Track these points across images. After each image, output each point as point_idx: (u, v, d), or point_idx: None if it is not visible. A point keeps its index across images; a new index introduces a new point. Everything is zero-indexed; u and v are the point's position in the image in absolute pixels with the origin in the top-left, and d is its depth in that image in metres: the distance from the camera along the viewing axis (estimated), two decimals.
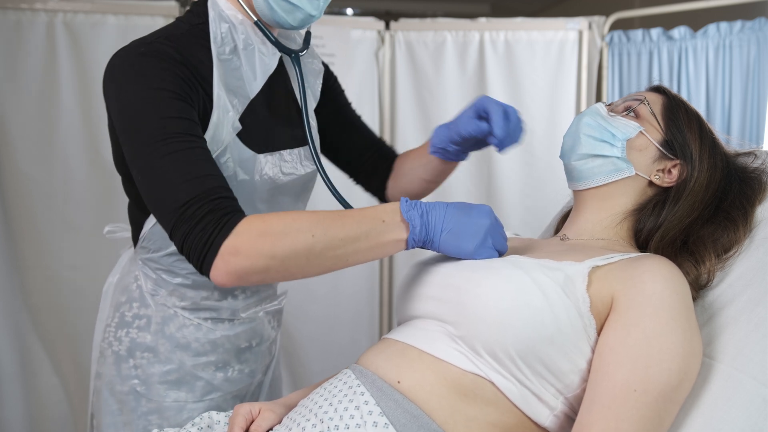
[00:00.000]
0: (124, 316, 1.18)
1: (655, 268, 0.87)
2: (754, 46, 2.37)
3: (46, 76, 2.19)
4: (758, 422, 0.83)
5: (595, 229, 1.05)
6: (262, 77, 1.08)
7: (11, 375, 2.24)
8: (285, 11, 1.04)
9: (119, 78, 0.97)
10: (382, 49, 2.54)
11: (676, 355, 0.81)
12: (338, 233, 0.89)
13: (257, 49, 1.07)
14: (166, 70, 0.96)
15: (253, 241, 0.88)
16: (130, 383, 1.16)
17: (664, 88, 1.11)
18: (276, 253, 0.88)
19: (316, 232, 0.88)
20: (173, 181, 0.91)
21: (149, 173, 0.94)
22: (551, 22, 2.56)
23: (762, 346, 0.86)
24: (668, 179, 1.03)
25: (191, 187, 0.91)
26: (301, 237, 0.88)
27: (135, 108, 0.95)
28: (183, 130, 0.94)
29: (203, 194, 0.90)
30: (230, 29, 1.06)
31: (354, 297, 2.59)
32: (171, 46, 1.00)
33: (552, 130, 2.54)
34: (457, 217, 0.92)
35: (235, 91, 1.06)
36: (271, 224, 0.89)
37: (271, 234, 0.88)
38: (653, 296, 0.84)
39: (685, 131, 1.04)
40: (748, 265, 0.97)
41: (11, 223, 2.21)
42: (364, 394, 0.87)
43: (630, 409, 0.78)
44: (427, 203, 0.94)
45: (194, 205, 0.90)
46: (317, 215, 0.91)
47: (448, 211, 0.93)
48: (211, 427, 0.97)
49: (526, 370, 0.84)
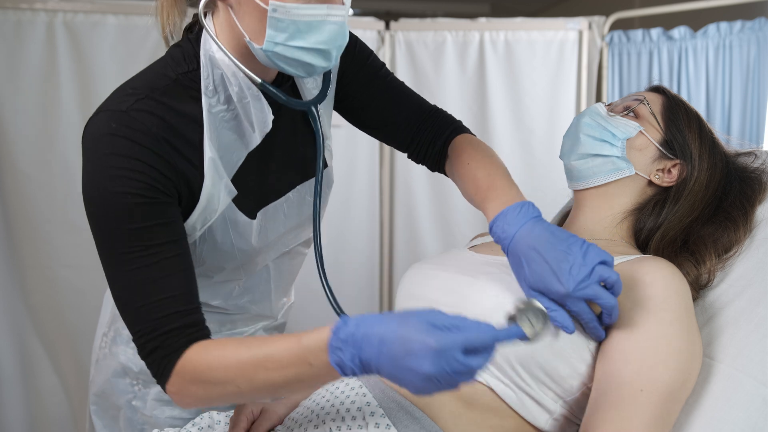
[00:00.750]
0: (120, 333, 1.17)
1: (656, 269, 0.87)
2: (754, 46, 2.37)
3: (46, 76, 2.19)
4: (758, 422, 0.83)
5: (595, 229, 1.05)
6: (260, 134, 0.96)
7: (11, 375, 2.23)
8: (293, 67, 0.90)
9: (87, 156, 0.87)
10: (382, 49, 2.54)
11: (680, 354, 0.82)
12: (263, 382, 0.81)
13: (251, 104, 0.93)
14: (137, 158, 0.85)
15: (187, 387, 0.85)
16: (125, 397, 1.16)
17: (664, 88, 1.11)
18: (210, 398, 0.86)
19: (240, 384, 0.82)
20: (133, 305, 0.86)
21: (113, 284, 0.88)
22: (551, 22, 2.56)
23: (762, 346, 0.86)
24: (668, 179, 1.03)
25: (146, 315, 0.85)
26: (228, 387, 0.83)
27: (99, 209, 0.86)
28: (147, 241, 0.85)
29: (154, 326, 0.85)
30: (223, 77, 0.92)
31: (354, 297, 2.59)
32: (151, 111, 0.87)
33: (552, 130, 2.53)
34: (394, 362, 0.71)
35: (229, 147, 0.95)
36: (201, 371, 0.84)
37: (201, 382, 0.84)
38: (655, 298, 0.84)
39: (684, 131, 1.05)
40: (749, 265, 0.97)
41: (11, 223, 2.21)
42: (366, 396, 0.87)
43: (637, 409, 0.79)
44: (360, 332, 0.73)
45: (144, 337, 0.86)
46: (240, 360, 0.82)
47: (383, 353, 0.71)
48: (212, 427, 0.97)
49: (525, 375, 0.84)
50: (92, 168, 0.86)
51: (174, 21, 0.92)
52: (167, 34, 0.93)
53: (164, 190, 0.87)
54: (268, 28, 0.85)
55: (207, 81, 0.91)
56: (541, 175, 2.54)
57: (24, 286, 2.25)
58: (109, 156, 0.85)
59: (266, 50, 0.86)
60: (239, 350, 0.82)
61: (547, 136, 2.54)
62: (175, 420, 1.15)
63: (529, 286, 0.84)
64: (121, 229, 0.85)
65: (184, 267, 0.88)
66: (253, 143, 0.96)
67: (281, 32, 0.85)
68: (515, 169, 2.55)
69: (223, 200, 0.95)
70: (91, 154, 0.87)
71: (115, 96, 0.90)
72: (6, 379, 2.23)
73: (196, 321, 0.87)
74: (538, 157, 2.55)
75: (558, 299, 0.81)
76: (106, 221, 0.86)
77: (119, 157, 0.84)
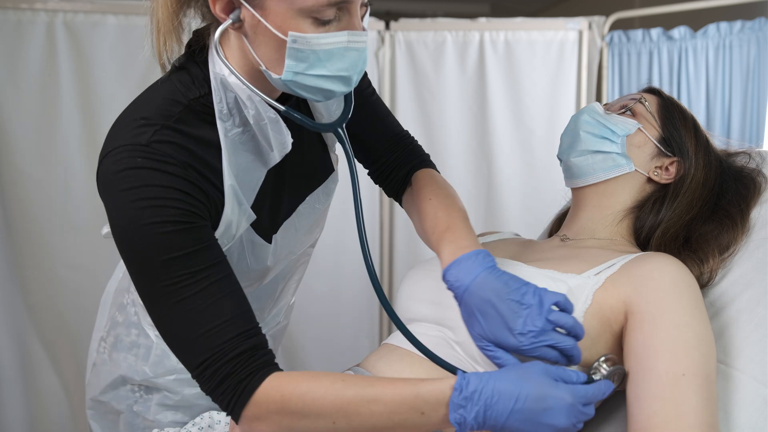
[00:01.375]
0: (121, 340, 1.15)
1: (662, 264, 0.88)
2: (754, 46, 2.37)
3: (46, 76, 2.19)
4: (758, 422, 0.83)
5: (596, 228, 1.05)
6: (279, 154, 0.92)
7: (11, 375, 2.24)
8: (312, 93, 0.87)
9: (114, 194, 0.83)
10: (382, 49, 2.54)
11: (708, 338, 0.83)
12: (365, 423, 0.78)
13: (269, 126, 0.90)
14: (169, 186, 0.82)
15: (272, 415, 0.80)
16: (126, 402, 1.16)
17: (658, 90, 1.13)
18: (293, 430, 0.81)
19: (337, 421, 0.78)
20: (188, 336, 0.82)
21: (161, 321, 0.83)
22: (551, 22, 2.56)
23: (762, 346, 0.86)
24: (666, 176, 1.04)
25: (207, 343, 0.81)
26: (321, 423, 0.79)
27: (135, 245, 0.82)
28: (190, 268, 0.81)
29: (220, 353, 0.81)
30: (237, 101, 0.89)
31: (355, 297, 2.59)
32: (171, 140, 0.84)
33: (552, 130, 2.53)
34: (528, 417, 0.73)
35: (248, 168, 0.93)
36: (289, 401, 0.80)
37: (289, 413, 0.80)
38: (669, 289, 0.85)
39: (680, 129, 1.06)
40: (748, 265, 0.97)
41: (11, 223, 2.21)
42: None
43: (685, 393, 0.78)
44: (487, 391, 0.74)
45: (212, 366, 0.81)
46: (341, 398, 0.79)
47: (515, 411, 0.73)
48: (212, 426, 0.97)
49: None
50: (122, 204, 0.82)
51: (171, 47, 0.88)
52: (164, 61, 0.89)
53: (200, 214, 0.84)
54: (288, 59, 0.82)
55: (221, 105, 0.88)
56: (541, 175, 2.54)
57: (24, 286, 2.25)
58: (139, 189, 0.81)
59: (285, 80, 0.83)
60: (340, 385, 0.79)
61: (547, 136, 2.54)
62: (179, 425, 1.14)
63: (483, 337, 0.83)
64: (161, 260, 0.80)
65: (233, 288, 0.85)
66: (272, 161, 0.93)
67: (301, 62, 0.82)
68: (515, 169, 2.58)
69: (242, 226, 0.93)
70: (118, 191, 0.82)
71: (126, 128, 0.85)
72: (6, 379, 2.23)
73: (263, 343, 0.84)
74: (538, 157, 2.55)
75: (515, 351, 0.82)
76: (145, 256, 0.81)
77: (151, 188, 0.81)
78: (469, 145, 2.59)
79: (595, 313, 0.86)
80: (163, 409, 1.14)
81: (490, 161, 2.58)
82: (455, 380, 0.75)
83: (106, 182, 0.83)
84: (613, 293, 0.87)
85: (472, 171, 2.60)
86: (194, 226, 0.83)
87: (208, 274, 0.82)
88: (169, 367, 1.13)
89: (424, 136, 2.59)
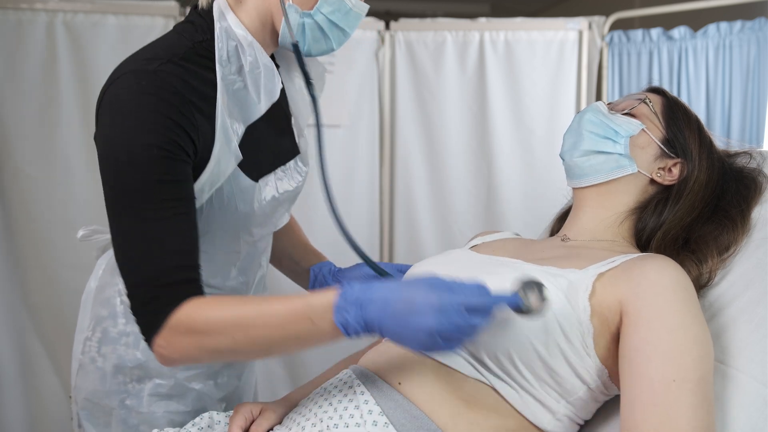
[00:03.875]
0: (108, 333, 1.16)
1: (660, 265, 0.88)
2: (754, 46, 2.37)
3: (46, 76, 2.19)
4: (758, 422, 0.83)
5: (597, 229, 1.05)
6: (266, 103, 1.03)
7: (11, 375, 2.24)
8: (315, 39, 1.03)
9: (112, 112, 0.92)
10: (382, 49, 2.54)
11: (702, 342, 0.82)
12: (261, 336, 0.85)
13: (263, 74, 1.01)
14: (163, 113, 0.90)
15: (178, 339, 0.87)
16: (118, 398, 1.14)
17: (663, 90, 1.11)
18: (202, 350, 0.88)
19: (236, 336, 0.85)
20: (137, 255, 0.89)
21: (119, 235, 0.91)
22: (551, 22, 2.56)
23: (762, 346, 0.86)
24: (669, 177, 1.04)
25: (150, 266, 0.88)
26: (222, 339, 0.85)
27: (119, 161, 0.90)
28: (161, 195, 0.89)
29: (157, 277, 0.88)
30: (237, 48, 1.00)
31: None
32: (175, 72, 0.93)
33: (552, 130, 2.53)
34: (397, 320, 0.77)
35: (236, 116, 1.01)
36: (195, 322, 0.86)
37: (194, 333, 0.86)
38: (665, 292, 0.84)
39: (684, 130, 1.05)
40: (748, 265, 0.97)
41: (11, 223, 2.21)
42: (364, 394, 0.87)
43: (676, 400, 0.77)
44: (366, 296, 0.79)
45: (146, 286, 0.88)
46: (239, 313, 0.86)
47: (386, 313, 0.78)
48: (212, 427, 0.97)
49: (528, 375, 0.84)
50: (119, 122, 0.90)
51: None
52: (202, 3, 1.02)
53: (185, 149, 0.91)
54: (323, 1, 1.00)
55: (221, 51, 0.98)
56: (541, 175, 2.55)
57: (24, 286, 2.25)
58: (137, 111, 0.89)
59: (313, 14, 1.01)
60: (240, 304, 0.87)
61: (547, 136, 2.54)
62: (172, 414, 1.14)
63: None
64: (139, 180, 0.88)
65: (191, 227, 0.92)
66: (254, 116, 1.03)
67: (330, 5, 1.01)
68: (515, 169, 2.58)
69: (231, 165, 0.99)
70: (118, 109, 0.91)
71: (135, 61, 0.94)
72: (6, 379, 2.23)
73: (196, 278, 0.91)
74: (538, 157, 2.55)
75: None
76: (126, 172, 0.89)
77: (149, 113, 0.89)
78: (469, 145, 2.59)
79: (595, 309, 0.86)
80: (156, 399, 1.14)
81: (490, 161, 2.58)
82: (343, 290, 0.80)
83: (107, 102, 0.93)
84: (611, 291, 0.87)
85: (472, 171, 2.60)
86: (178, 158, 0.91)
87: (173, 206, 0.90)
88: None
89: (424, 136, 2.59)
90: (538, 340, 0.82)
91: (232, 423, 0.94)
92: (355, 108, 2.53)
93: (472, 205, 2.60)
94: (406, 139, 2.59)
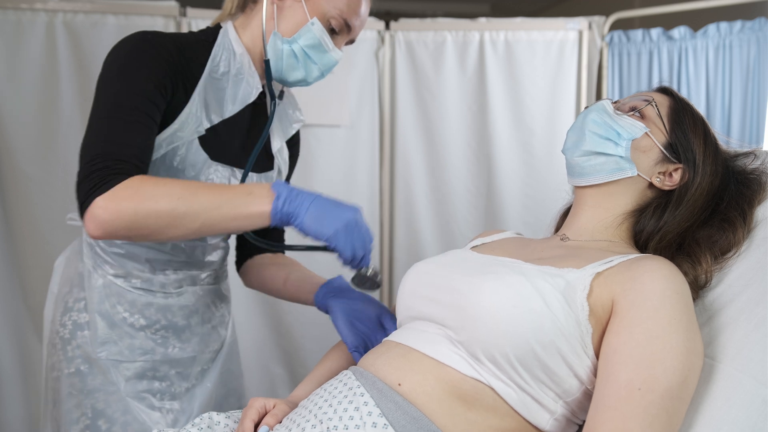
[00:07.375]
0: (67, 303, 1.24)
1: (655, 268, 0.87)
2: (754, 46, 2.37)
3: (46, 76, 2.19)
4: (758, 422, 0.83)
5: (596, 229, 1.05)
6: (240, 104, 1.20)
7: (11, 375, 2.24)
8: (290, 66, 1.19)
9: (117, 50, 1.10)
10: (382, 49, 2.54)
11: (679, 353, 0.81)
12: (202, 199, 0.99)
13: (245, 80, 1.20)
14: (158, 58, 1.08)
15: (120, 201, 0.96)
16: (75, 363, 1.21)
17: (672, 90, 1.10)
18: (138, 214, 0.97)
19: (183, 194, 0.98)
20: (99, 139, 1.02)
21: (88, 128, 1.04)
22: (551, 22, 2.56)
23: (762, 346, 0.86)
24: (669, 182, 1.03)
25: (107, 147, 1.01)
26: (165, 200, 0.97)
27: (113, 74, 1.08)
28: (139, 104, 1.04)
29: (111, 153, 1.00)
30: (230, 58, 1.19)
31: None
32: (174, 43, 1.13)
33: (552, 130, 2.53)
34: (324, 204, 1.02)
35: (211, 106, 1.17)
36: (144, 186, 0.98)
37: (139, 195, 0.97)
38: (654, 296, 0.84)
39: (689, 136, 1.04)
40: (748, 265, 0.97)
41: (11, 223, 2.21)
42: (364, 395, 0.87)
43: (635, 408, 0.78)
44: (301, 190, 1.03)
45: (96, 160, 0.99)
46: (190, 183, 1.03)
47: (318, 198, 1.03)
48: (211, 427, 0.97)
49: (525, 375, 0.84)
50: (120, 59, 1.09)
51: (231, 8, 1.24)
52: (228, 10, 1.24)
53: (164, 96, 1.09)
54: (300, 31, 1.17)
55: (216, 53, 1.17)
56: (541, 175, 2.55)
57: (24, 286, 2.25)
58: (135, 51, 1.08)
59: (291, 41, 1.17)
60: (185, 181, 1.06)
61: (546, 136, 2.54)
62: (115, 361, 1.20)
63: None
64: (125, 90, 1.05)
65: (151, 141, 1.07)
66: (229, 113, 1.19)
67: (306, 40, 1.17)
68: (515, 168, 2.58)
69: (191, 131, 1.14)
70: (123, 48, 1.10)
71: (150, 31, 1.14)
72: (6, 379, 2.23)
73: (146, 170, 1.05)
74: (538, 157, 2.55)
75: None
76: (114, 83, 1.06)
77: (146, 53, 1.08)
78: (469, 145, 2.59)
79: (593, 309, 0.86)
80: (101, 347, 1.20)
81: (490, 161, 2.58)
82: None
83: (120, 43, 1.11)
84: (606, 290, 0.87)
85: (472, 171, 2.60)
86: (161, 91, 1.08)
87: (143, 119, 1.05)
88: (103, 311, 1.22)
89: (424, 135, 2.59)
90: (536, 340, 0.82)
91: (245, 416, 0.94)
92: (355, 108, 2.53)
93: (472, 205, 2.60)
94: (406, 139, 2.59)
